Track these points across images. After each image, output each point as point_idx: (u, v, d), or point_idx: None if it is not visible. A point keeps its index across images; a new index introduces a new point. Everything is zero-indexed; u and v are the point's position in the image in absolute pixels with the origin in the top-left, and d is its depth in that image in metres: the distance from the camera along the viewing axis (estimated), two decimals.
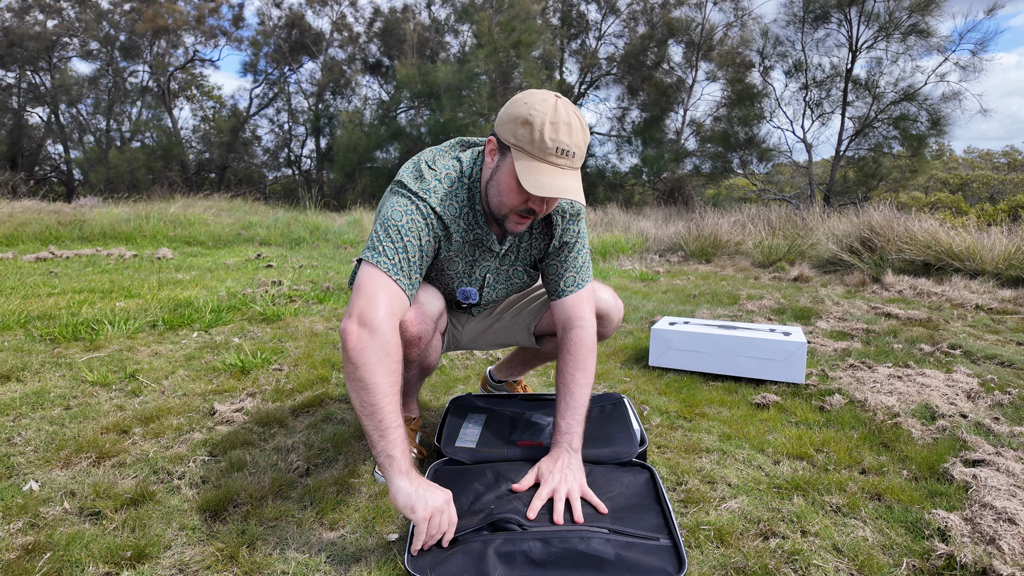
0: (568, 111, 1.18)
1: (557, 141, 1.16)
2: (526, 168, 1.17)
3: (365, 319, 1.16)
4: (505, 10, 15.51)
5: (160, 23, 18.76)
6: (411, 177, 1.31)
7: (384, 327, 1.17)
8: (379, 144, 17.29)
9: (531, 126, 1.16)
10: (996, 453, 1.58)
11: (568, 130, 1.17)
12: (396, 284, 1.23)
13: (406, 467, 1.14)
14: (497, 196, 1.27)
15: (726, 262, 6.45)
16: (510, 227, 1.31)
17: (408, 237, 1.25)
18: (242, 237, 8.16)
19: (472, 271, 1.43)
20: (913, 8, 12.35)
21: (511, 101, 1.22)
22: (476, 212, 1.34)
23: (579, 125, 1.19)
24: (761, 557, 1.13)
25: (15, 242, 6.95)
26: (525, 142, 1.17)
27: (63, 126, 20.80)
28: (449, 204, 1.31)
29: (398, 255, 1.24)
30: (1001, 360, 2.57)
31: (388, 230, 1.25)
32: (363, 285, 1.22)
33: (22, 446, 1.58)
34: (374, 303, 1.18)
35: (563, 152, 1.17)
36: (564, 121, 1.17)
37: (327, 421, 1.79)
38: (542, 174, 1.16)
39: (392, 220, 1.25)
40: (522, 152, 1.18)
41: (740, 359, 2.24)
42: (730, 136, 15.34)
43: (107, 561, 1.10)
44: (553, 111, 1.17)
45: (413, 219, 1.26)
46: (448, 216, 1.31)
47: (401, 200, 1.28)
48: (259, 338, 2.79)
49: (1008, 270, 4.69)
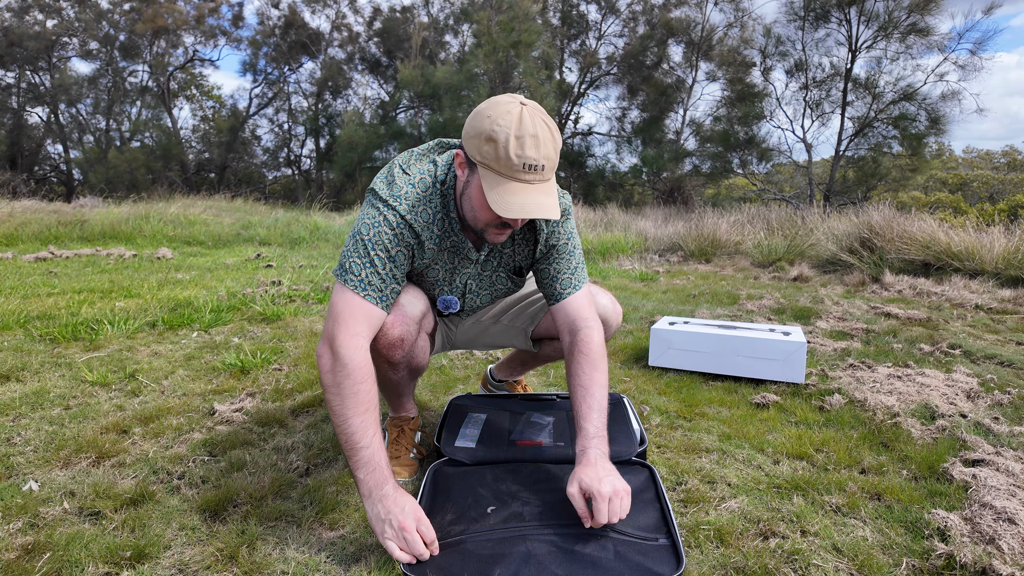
0: (534, 121, 1.11)
1: (523, 157, 1.10)
2: (493, 186, 1.13)
3: (332, 343, 1.19)
4: (505, 10, 15.51)
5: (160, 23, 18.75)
6: (383, 183, 1.27)
7: (347, 350, 1.18)
8: (379, 144, 17.30)
9: (495, 143, 1.10)
10: (996, 453, 1.58)
11: (535, 143, 1.10)
12: (366, 301, 1.23)
13: (370, 487, 1.14)
14: (471, 211, 1.23)
15: (726, 262, 6.46)
16: (490, 239, 1.27)
17: (375, 251, 1.23)
18: (242, 237, 8.16)
19: (452, 278, 1.40)
20: (912, 7, 12.36)
21: (475, 113, 1.15)
22: (451, 219, 1.29)
23: (547, 135, 1.12)
24: (761, 557, 1.13)
25: (15, 242, 6.95)
26: (491, 159, 1.12)
27: (63, 126, 20.80)
28: (421, 211, 1.27)
29: (365, 270, 1.23)
30: (1001, 360, 2.57)
31: (356, 245, 1.24)
32: (333, 306, 1.23)
33: (22, 446, 1.58)
34: (341, 326, 1.20)
35: (531, 167, 1.11)
36: (530, 133, 1.10)
37: (327, 421, 1.79)
38: (510, 193, 1.12)
39: (360, 234, 1.24)
40: (488, 169, 1.13)
41: (740, 359, 2.24)
42: (730, 136, 15.34)
43: (107, 561, 1.10)
44: (518, 124, 1.10)
45: (380, 231, 1.24)
46: (419, 224, 1.27)
47: (370, 211, 1.26)
48: (259, 338, 2.79)
49: (1007, 270, 4.69)
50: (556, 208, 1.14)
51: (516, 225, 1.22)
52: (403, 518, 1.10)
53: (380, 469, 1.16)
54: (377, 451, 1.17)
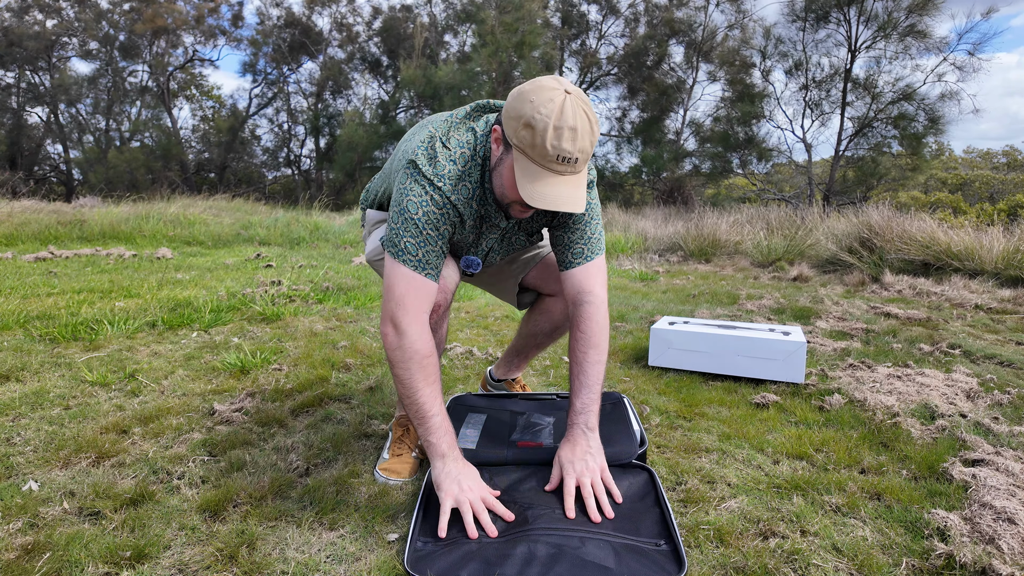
0: (575, 112, 1.11)
1: (559, 149, 1.10)
2: (524, 173, 1.14)
3: (395, 322, 1.26)
4: (510, 11, 15.51)
5: (159, 23, 18.75)
6: (425, 158, 1.27)
7: (413, 328, 1.25)
8: (379, 144, 17.30)
9: (533, 130, 1.10)
10: (995, 453, 1.58)
11: (572, 135, 1.10)
12: (425, 278, 1.28)
13: (442, 450, 1.25)
14: (500, 188, 1.26)
15: (725, 262, 6.46)
16: (514, 214, 1.31)
17: (427, 230, 1.26)
18: (242, 237, 8.16)
19: (479, 242, 1.42)
20: (912, 8, 12.36)
21: (518, 93, 1.15)
22: (486, 190, 1.31)
23: (586, 127, 1.13)
24: (761, 557, 1.13)
25: (14, 242, 6.95)
26: (526, 145, 1.13)
27: (62, 126, 20.80)
28: (462, 187, 1.29)
29: (421, 250, 1.26)
30: (1000, 360, 2.57)
31: (407, 224, 1.26)
32: (391, 286, 1.28)
33: (21, 446, 1.58)
34: (402, 306, 1.26)
35: (565, 160, 1.12)
36: (569, 125, 1.10)
37: (327, 421, 1.79)
38: (541, 182, 1.13)
39: (409, 213, 1.25)
40: (523, 154, 1.15)
41: (740, 359, 2.24)
42: (730, 136, 15.34)
43: (107, 561, 1.10)
44: (559, 114, 1.10)
45: (429, 210, 1.25)
46: (461, 201, 1.29)
47: (416, 188, 1.26)
48: (259, 338, 2.79)
49: (1007, 270, 4.69)
50: (583, 201, 1.17)
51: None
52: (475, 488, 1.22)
53: (450, 433, 1.28)
54: (445, 418, 1.28)
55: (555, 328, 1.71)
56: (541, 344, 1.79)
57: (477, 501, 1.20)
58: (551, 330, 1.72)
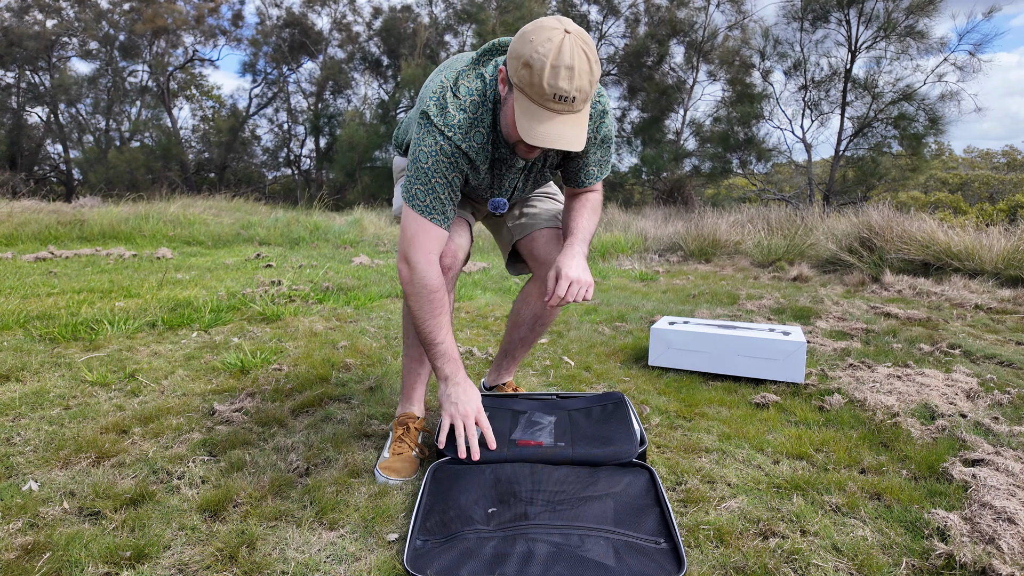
0: (573, 51, 1.13)
1: (556, 87, 1.13)
2: (523, 111, 1.19)
3: (407, 258, 1.40)
4: (511, 11, 15.52)
5: (159, 23, 18.75)
6: (436, 108, 1.32)
7: (422, 266, 1.39)
8: (379, 144, 17.29)
9: (531, 69, 1.14)
10: (995, 453, 1.58)
11: (568, 74, 1.13)
12: (431, 223, 1.39)
13: (445, 374, 1.42)
14: (506, 128, 1.31)
15: (725, 262, 6.46)
16: (520, 154, 1.36)
17: (436, 178, 1.35)
18: (242, 237, 8.16)
19: (501, 183, 1.50)
20: (911, 9, 12.36)
21: (520, 34, 1.19)
22: (499, 133, 1.36)
23: (584, 66, 1.15)
24: (760, 557, 1.13)
25: (14, 242, 6.95)
26: (525, 84, 1.16)
27: (62, 126, 20.81)
28: (474, 134, 1.35)
29: (428, 196, 1.37)
30: (1000, 360, 2.57)
31: (418, 173, 1.36)
32: (404, 228, 1.42)
33: (21, 446, 1.58)
34: (415, 246, 1.39)
35: (561, 98, 1.15)
36: (566, 64, 1.12)
37: (327, 421, 1.79)
38: (537, 120, 1.17)
39: (420, 163, 1.35)
40: (522, 94, 1.18)
41: (740, 359, 2.24)
42: (729, 136, 15.34)
43: (107, 561, 1.10)
44: (556, 53, 1.12)
45: (438, 159, 1.34)
46: (473, 149, 1.36)
47: (428, 140, 1.33)
48: (259, 338, 2.79)
49: (1007, 270, 4.69)
50: (581, 139, 1.21)
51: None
52: (467, 407, 1.40)
53: (455, 360, 1.44)
54: (451, 346, 1.43)
55: (536, 318, 1.76)
56: (525, 339, 1.82)
57: (470, 420, 1.39)
58: (532, 321, 1.77)
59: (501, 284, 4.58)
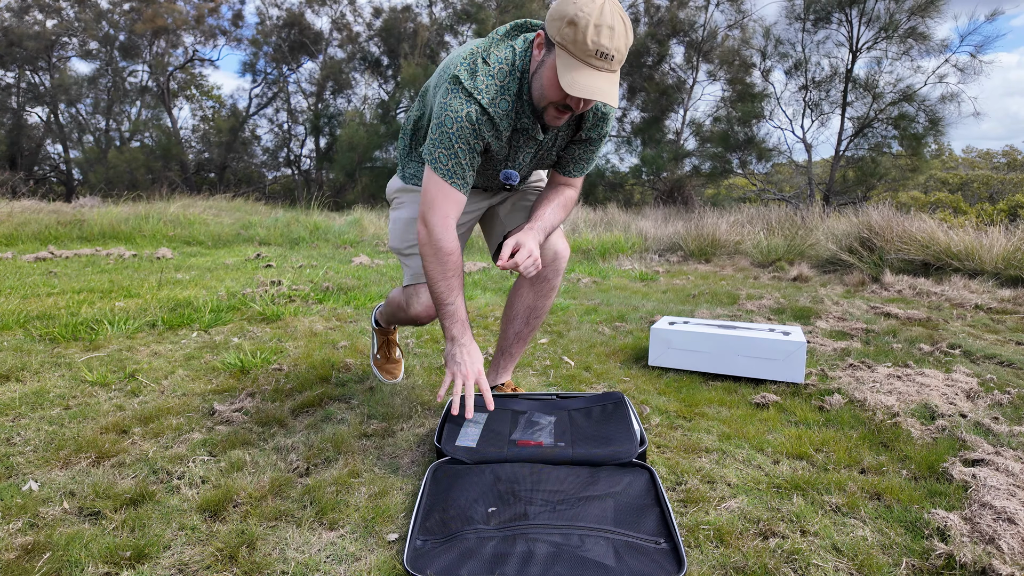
0: (614, 14, 1.24)
1: (598, 44, 1.22)
2: (566, 67, 1.26)
3: (425, 220, 1.46)
4: (511, 11, 15.51)
5: (159, 23, 18.75)
6: (466, 72, 1.38)
7: (439, 229, 1.45)
8: (379, 144, 17.28)
9: (575, 26, 1.23)
10: (995, 453, 1.58)
11: (610, 33, 1.23)
12: (451, 186, 1.44)
13: (452, 334, 1.49)
14: (539, 89, 1.36)
15: (725, 262, 6.46)
16: (548, 119, 1.40)
17: (459, 144, 1.40)
18: (242, 237, 8.16)
19: (517, 156, 1.55)
20: (914, 11, 12.35)
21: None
22: (524, 103, 1.42)
23: (622, 29, 1.25)
24: (760, 557, 1.13)
25: (14, 242, 6.95)
26: (569, 41, 1.24)
27: (62, 126, 20.80)
28: (501, 101, 1.40)
29: (451, 161, 1.42)
30: (1000, 360, 2.57)
31: (443, 138, 1.40)
32: (425, 190, 1.47)
33: (21, 446, 1.58)
34: (434, 209, 1.45)
35: (603, 55, 1.24)
36: (608, 24, 1.22)
37: (327, 421, 1.79)
38: (580, 74, 1.25)
39: (445, 127, 1.39)
40: (565, 51, 1.26)
41: (740, 359, 2.24)
42: (730, 136, 15.33)
43: (107, 561, 1.10)
44: (599, 13, 1.22)
45: (463, 125, 1.38)
46: (499, 114, 1.41)
47: (455, 103, 1.38)
48: (259, 338, 2.79)
49: (1007, 270, 4.69)
50: (616, 96, 1.29)
51: (577, 109, 1.35)
52: (469, 368, 1.45)
53: (463, 322, 1.50)
54: (460, 308, 1.50)
55: (530, 311, 1.79)
56: (520, 333, 1.84)
57: (470, 380, 1.45)
58: (527, 314, 1.80)
59: (501, 284, 4.58)
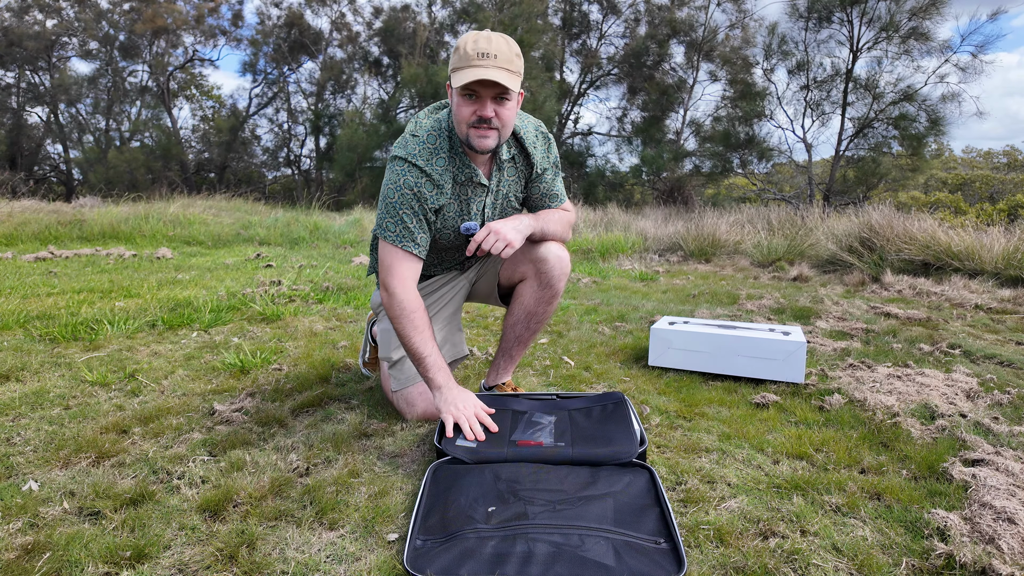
0: (490, 33, 1.44)
1: (477, 48, 1.42)
2: (459, 78, 1.43)
3: (385, 285, 1.57)
4: (508, 9, 15.51)
5: (159, 23, 18.75)
6: (400, 148, 1.58)
7: (399, 291, 1.55)
8: (379, 144, 17.28)
9: (457, 49, 1.45)
10: (995, 453, 1.58)
11: (486, 40, 1.43)
12: (403, 250, 1.57)
13: (439, 383, 1.56)
14: (456, 122, 1.52)
15: (725, 262, 6.46)
16: (476, 144, 1.51)
17: (403, 211, 1.55)
18: (241, 237, 8.16)
19: (469, 208, 1.66)
20: (915, 11, 12.34)
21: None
22: (459, 154, 1.58)
23: (499, 37, 1.44)
24: (760, 557, 1.13)
25: (14, 242, 6.95)
26: (455, 62, 1.46)
27: (62, 126, 20.79)
28: (436, 160, 1.56)
29: (398, 227, 1.56)
30: (1000, 360, 2.57)
31: (387, 208, 1.56)
32: (382, 259, 1.59)
33: (21, 446, 1.58)
34: (391, 274, 1.57)
35: (483, 55, 1.42)
36: (484, 36, 1.44)
37: (327, 421, 1.79)
38: (468, 72, 1.42)
39: (387, 198, 1.56)
40: (455, 71, 1.46)
41: (740, 359, 2.24)
42: (730, 136, 15.33)
43: (107, 561, 1.10)
44: (475, 34, 1.44)
45: (403, 193, 1.54)
46: (436, 171, 1.56)
47: (391, 175, 1.56)
48: (259, 338, 2.79)
49: (1007, 270, 4.69)
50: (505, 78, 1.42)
51: (487, 114, 1.46)
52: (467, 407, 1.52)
53: (444, 369, 1.58)
54: (438, 357, 1.58)
55: (530, 316, 1.82)
56: (521, 337, 1.86)
57: (471, 416, 1.51)
58: (527, 319, 1.82)
59: None
